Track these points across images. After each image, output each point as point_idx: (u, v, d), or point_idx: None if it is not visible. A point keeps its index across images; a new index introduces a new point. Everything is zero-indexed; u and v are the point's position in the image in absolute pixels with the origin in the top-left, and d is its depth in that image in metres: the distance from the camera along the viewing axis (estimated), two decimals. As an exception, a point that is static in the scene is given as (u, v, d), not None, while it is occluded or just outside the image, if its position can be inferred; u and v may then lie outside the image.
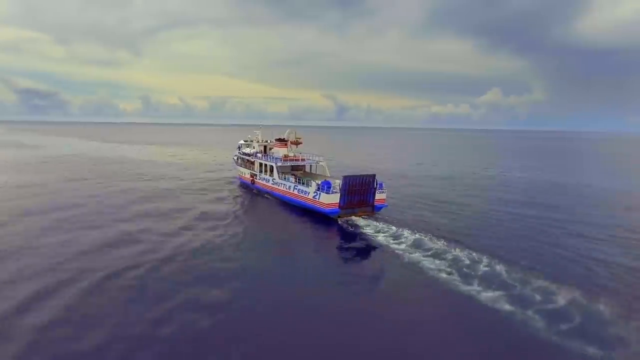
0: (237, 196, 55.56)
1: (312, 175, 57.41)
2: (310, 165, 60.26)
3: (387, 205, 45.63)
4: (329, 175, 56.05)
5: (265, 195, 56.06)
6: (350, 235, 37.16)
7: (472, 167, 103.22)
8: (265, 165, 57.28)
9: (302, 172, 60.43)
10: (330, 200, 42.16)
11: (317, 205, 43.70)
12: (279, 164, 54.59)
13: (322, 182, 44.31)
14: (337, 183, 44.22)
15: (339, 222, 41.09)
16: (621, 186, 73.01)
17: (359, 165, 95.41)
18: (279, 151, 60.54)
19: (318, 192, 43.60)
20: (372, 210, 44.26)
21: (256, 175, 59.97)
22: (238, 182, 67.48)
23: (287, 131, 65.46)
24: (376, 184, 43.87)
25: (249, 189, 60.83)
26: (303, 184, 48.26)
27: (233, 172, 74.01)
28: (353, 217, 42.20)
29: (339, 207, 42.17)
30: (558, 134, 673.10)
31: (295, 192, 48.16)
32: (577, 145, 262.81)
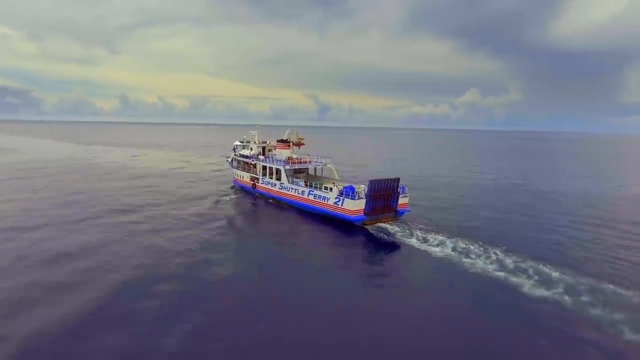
0: (238, 203, 51.15)
1: (317, 179, 53.88)
2: (315, 168, 56.68)
3: (410, 210, 42.57)
4: (337, 178, 52.68)
5: (270, 200, 52.07)
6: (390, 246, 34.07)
7: (463, 168, 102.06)
8: (270, 168, 53.18)
9: (304, 174, 56.81)
10: (355, 206, 38.61)
11: (340, 212, 40.03)
12: (287, 166, 50.70)
13: (345, 187, 40.80)
14: (362, 188, 40.78)
15: (370, 230, 37.85)
16: (602, 186, 72.82)
17: (353, 164, 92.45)
18: (282, 153, 56.42)
19: (341, 197, 40.04)
20: (395, 215, 41.10)
21: (258, 179, 55.82)
22: (234, 186, 62.97)
23: (287, 131, 61.49)
24: (399, 188, 40.92)
25: (249, 194, 56.59)
26: (319, 188, 44.68)
27: (223, 177, 69.60)
28: (377, 224, 39.04)
29: (364, 213, 38.82)
30: (535, 134, 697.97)
31: (311, 197, 44.29)
32: (555, 146, 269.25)
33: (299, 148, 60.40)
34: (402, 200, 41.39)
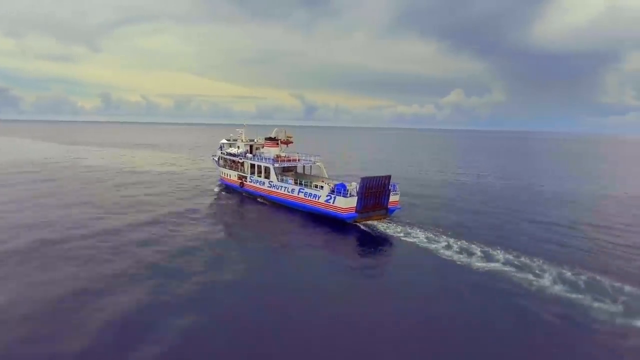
0: (225, 202, 50.22)
1: (306, 177, 53.27)
2: (304, 166, 56.06)
3: (400, 208, 42.31)
4: (326, 177, 52.19)
5: (258, 198, 51.27)
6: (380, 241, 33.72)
7: (449, 167, 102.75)
8: (259, 166, 52.32)
9: (293, 172, 56.16)
10: (347, 204, 38.11)
11: (332, 210, 39.48)
12: (276, 165, 49.94)
13: (336, 185, 40.27)
14: (353, 186, 40.35)
15: (362, 227, 37.54)
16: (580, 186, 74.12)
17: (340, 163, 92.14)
18: (271, 151, 55.64)
19: (332, 195, 39.47)
20: (386, 213, 40.81)
21: (246, 177, 54.93)
22: (221, 184, 61.95)
23: (275, 130, 60.80)
24: (390, 186, 40.66)
25: (237, 193, 55.68)
26: (309, 186, 44.08)
27: (207, 177, 68.45)
28: (369, 222, 38.71)
29: (356, 211, 38.38)
30: (517, 134, 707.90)
31: (301, 195, 43.66)
32: (537, 145, 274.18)
33: (287, 146, 59.68)
34: (393, 198, 41.07)
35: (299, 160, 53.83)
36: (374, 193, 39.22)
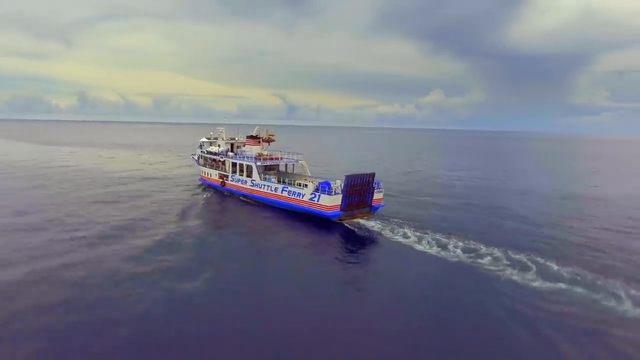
0: (207, 202, 49.20)
1: (289, 175, 52.80)
2: (286, 165, 55.53)
3: (384, 205, 42.37)
4: (309, 175, 51.85)
5: (240, 197, 50.54)
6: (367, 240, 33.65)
7: (431, 165, 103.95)
8: (241, 165, 51.52)
9: (275, 171, 55.56)
10: (332, 202, 37.83)
11: (317, 208, 39.13)
12: (259, 163, 49.29)
13: (321, 183, 39.94)
14: (338, 183, 40.16)
15: (347, 225, 37.41)
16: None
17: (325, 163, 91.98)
18: (252, 149, 54.87)
19: (317, 193, 39.12)
20: (370, 210, 40.80)
21: (227, 176, 54.07)
22: (201, 184, 60.79)
23: (256, 128, 60.03)
24: (374, 183, 40.66)
25: (218, 192, 54.73)
26: (293, 184, 43.67)
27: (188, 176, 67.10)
28: (354, 220, 38.64)
29: (341, 209, 38.16)
30: (495, 133, 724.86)
31: (285, 194, 43.17)
32: (514, 145, 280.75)
33: (269, 144, 59.01)
34: (377, 196, 41.08)
35: (281, 158, 53.30)
36: (359, 191, 39.11)
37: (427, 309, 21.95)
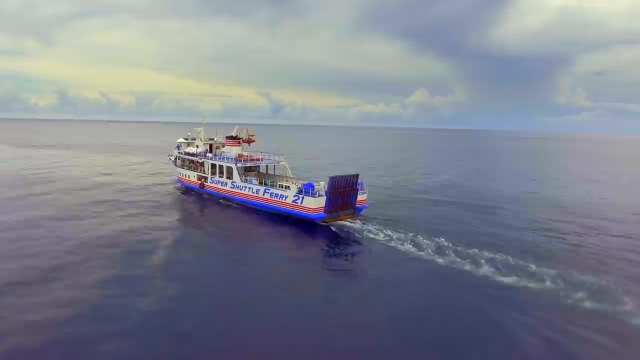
0: (185, 204, 47.95)
1: (270, 177, 51.90)
2: (267, 166, 54.56)
3: (368, 207, 42.03)
4: (290, 176, 50.97)
5: (220, 200, 49.34)
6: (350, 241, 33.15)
7: (416, 165, 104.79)
8: (221, 166, 50.25)
9: (256, 172, 54.52)
10: (316, 204, 37.21)
11: (300, 211, 38.43)
12: (239, 164, 48.16)
13: (304, 185, 39.22)
14: (321, 185, 39.56)
15: (332, 228, 36.82)
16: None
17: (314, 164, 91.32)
18: (232, 150, 53.62)
19: (300, 195, 38.45)
20: (354, 212, 40.43)
21: (206, 177, 52.72)
22: (179, 186, 59.22)
23: (236, 128, 58.75)
24: (358, 185, 40.28)
25: (197, 194, 53.34)
26: (274, 186, 42.83)
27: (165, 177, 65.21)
28: (338, 221, 38.17)
29: (325, 211, 37.56)
30: (478, 132, 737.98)
31: (267, 196, 42.26)
32: (499, 143, 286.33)
33: (250, 145, 57.88)
34: (360, 197, 40.75)
35: (261, 159, 52.32)
36: (342, 192, 38.65)
37: (413, 309, 21.92)
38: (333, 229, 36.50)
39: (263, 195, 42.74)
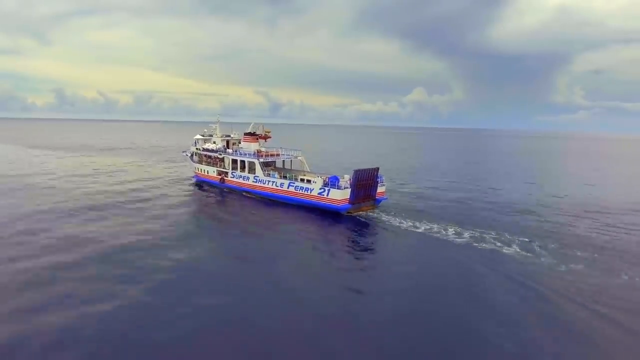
0: (208, 198, 49.87)
1: (288, 171, 53.89)
2: (284, 161, 56.59)
3: (387, 198, 44.32)
4: (308, 170, 53.06)
5: (243, 193, 51.29)
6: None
7: (421, 161, 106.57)
8: (242, 162, 52.31)
9: (272, 167, 56.58)
10: (342, 196, 39.56)
11: (326, 202, 40.72)
12: (260, 160, 50.24)
13: (329, 178, 41.60)
14: (345, 178, 41.82)
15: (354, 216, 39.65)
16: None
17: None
18: (250, 146, 55.64)
19: (326, 188, 40.75)
20: (374, 203, 42.67)
21: (227, 172, 54.69)
22: (197, 181, 60.95)
23: (252, 124, 60.70)
24: (378, 177, 42.50)
25: (216, 189, 55.12)
26: (297, 180, 45.11)
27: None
28: (360, 212, 40.64)
29: (350, 202, 39.87)
30: (477, 131, 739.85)
31: (292, 189, 44.47)
32: (497, 142, 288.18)
33: (266, 141, 59.90)
34: (380, 189, 43.00)
35: (279, 154, 54.41)
36: (364, 185, 40.85)
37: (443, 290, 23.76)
38: (358, 218, 39.00)
39: (287, 188, 44.89)
